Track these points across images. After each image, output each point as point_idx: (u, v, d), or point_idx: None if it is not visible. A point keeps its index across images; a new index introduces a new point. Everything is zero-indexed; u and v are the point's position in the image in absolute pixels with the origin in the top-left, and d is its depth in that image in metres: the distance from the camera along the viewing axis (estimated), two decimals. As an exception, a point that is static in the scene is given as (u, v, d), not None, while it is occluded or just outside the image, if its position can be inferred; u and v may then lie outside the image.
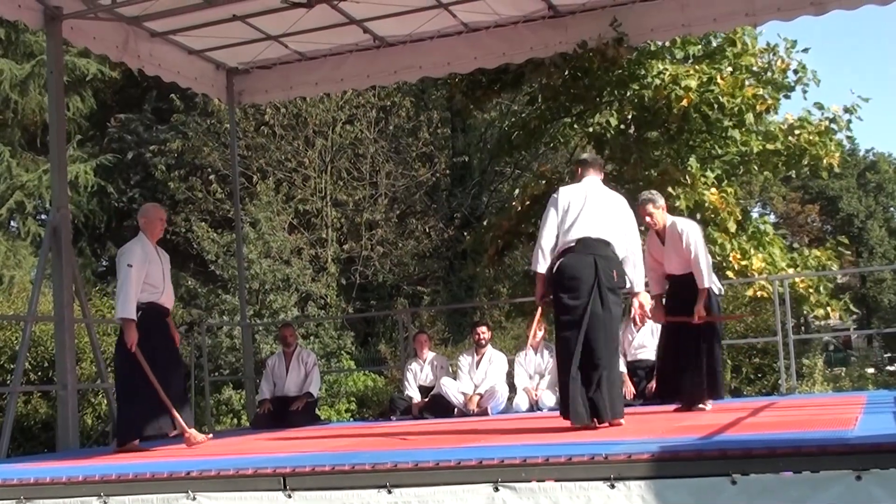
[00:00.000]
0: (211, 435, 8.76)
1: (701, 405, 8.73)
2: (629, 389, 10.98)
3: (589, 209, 7.37)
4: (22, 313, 15.26)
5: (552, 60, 13.63)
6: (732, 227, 14.34)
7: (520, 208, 16.13)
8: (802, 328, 28.63)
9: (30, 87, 23.66)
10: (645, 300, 7.94)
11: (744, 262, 14.24)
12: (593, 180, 7.65)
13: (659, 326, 9.53)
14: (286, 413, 11.65)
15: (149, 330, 8.36)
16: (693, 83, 14.02)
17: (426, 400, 11.89)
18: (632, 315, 8.43)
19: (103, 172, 24.79)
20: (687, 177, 14.11)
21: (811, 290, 14.55)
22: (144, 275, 8.41)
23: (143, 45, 11.99)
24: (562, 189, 7.65)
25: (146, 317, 8.38)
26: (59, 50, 10.88)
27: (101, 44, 11.51)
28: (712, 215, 14.15)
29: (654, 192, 9.27)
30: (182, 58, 12.77)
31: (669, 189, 14.06)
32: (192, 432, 8.30)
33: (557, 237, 7.33)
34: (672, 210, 14.76)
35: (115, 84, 26.55)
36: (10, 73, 23.40)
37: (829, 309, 14.81)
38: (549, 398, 11.28)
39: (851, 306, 16.73)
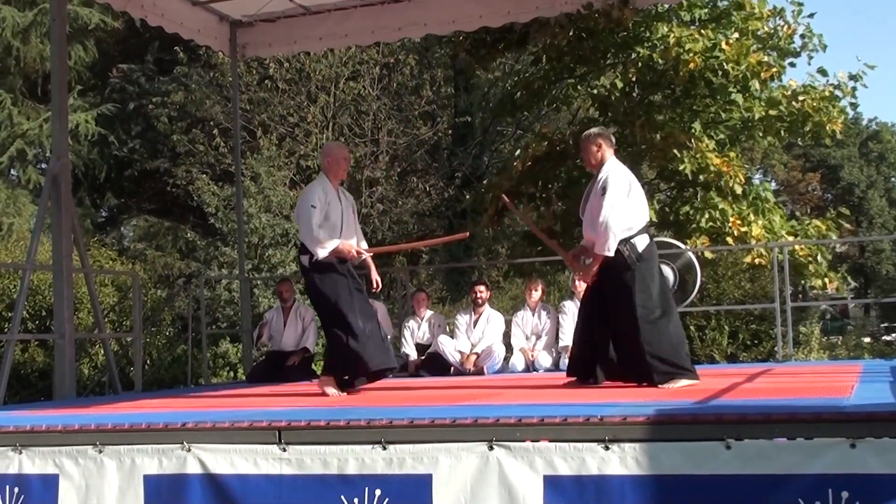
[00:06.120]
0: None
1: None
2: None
3: None
4: (20, 261, 15.23)
5: (557, 21, 13.56)
6: (738, 189, 14.30)
7: (521, 169, 16.09)
8: (800, 296, 28.63)
9: (31, 35, 23.50)
10: None
11: (743, 229, 14.23)
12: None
13: None
14: (283, 368, 11.61)
15: (330, 276, 7.95)
16: (697, 48, 13.95)
17: (423, 358, 11.91)
18: None
19: (104, 122, 24.67)
20: (692, 140, 14.06)
21: (810, 259, 14.55)
22: (323, 217, 7.95)
23: (146, -5, 11.88)
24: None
25: (325, 263, 7.94)
26: (62, -2, 10.78)
27: (104, -8, 11.40)
28: (715, 179, 14.11)
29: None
30: (185, 9, 12.63)
31: (675, 152, 14.01)
32: None
33: None
34: (676, 173, 14.84)
35: (118, 34, 26.30)
36: (13, 20, 23.25)
37: (826, 280, 14.82)
38: (546, 359, 11.31)
39: (849, 278, 16.73)
